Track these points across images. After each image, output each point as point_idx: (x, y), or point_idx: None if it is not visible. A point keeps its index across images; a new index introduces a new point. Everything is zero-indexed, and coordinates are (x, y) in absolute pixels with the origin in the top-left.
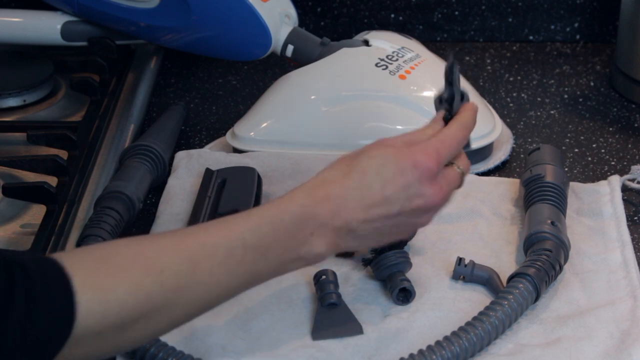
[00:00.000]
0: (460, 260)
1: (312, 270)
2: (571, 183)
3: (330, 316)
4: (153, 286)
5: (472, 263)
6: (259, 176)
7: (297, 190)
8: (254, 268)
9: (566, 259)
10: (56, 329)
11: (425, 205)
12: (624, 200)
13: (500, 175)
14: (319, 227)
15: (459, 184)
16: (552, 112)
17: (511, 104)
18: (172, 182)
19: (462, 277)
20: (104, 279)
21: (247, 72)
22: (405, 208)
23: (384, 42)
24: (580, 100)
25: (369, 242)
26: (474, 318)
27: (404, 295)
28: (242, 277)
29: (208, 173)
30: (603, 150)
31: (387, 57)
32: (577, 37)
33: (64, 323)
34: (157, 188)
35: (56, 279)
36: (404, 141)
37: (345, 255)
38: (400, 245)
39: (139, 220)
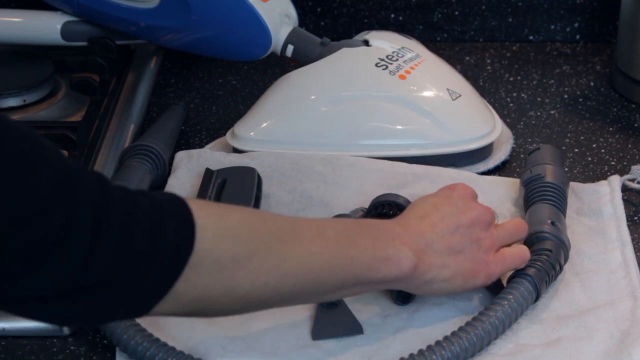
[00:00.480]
0: None
1: None
2: (571, 183)
3: (330, 316)
4: (261, 227)
5: None
6: (259, 176)
7: None
8: (348, 252)
9: (566, 259)
10: (180, 243)
11: (478, 218)
12: (624, 200)
13: (500, 175)
14: (397, 235)
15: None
16: (552, 112)
17: (511, 104)
18: (172, 182)
19: None
20: (217, 209)
21: (247, 72)
22: (461, 221)
23: (384, 42)
24: (580, 100)
25: (449, 261)
26: (474, 318)
27: (404, 295)
28: (340, 257)
29: (208, 173)
30: (603, 150)
31: (387, 57)
32: (577, 37)
33: (186, 238)
34: (157, 188)
35: (174, 201)
36: None
37: None
38: None
39: None
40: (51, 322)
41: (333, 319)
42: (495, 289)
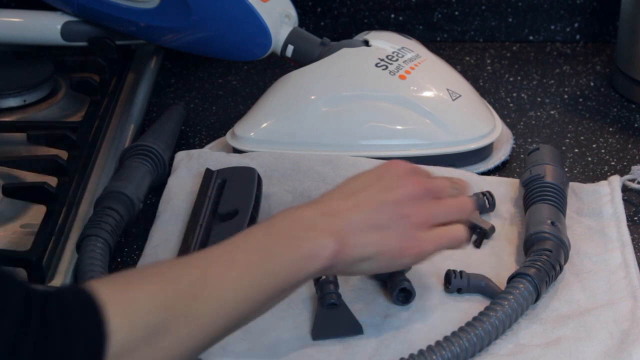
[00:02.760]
0: (454, 272)
1: None
2: (571, 183)
3: (331, 316)
4: (171, 294)
5: (466, 274)
6: (259, 176)
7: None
8: (263, 270)
9: (566, 259)
10: (93, 352)
11: (407, 194)
12: (624, 200)
13: (500, 175)
14: (311, 223)
15: (446, 190)
16: (552, 112)
17: (511, 104)
18: (172, 182)
19: (458, 289)
20: (125, 292)
21: (247, 72)
22: (388, 198)
23: (384, 42)
24: (580, 100)
25: (373, 237)
26: (474, 318)
27: (404, 295)
28: (256, 280)
29: (208, 173)
30: (603, 150)
31: (387, 57)
32: (577, 37)
33: (98, 354)
34: (157, 188)
35: (84, 306)
36: None
37: None
38: None
39: (139, 220)
40: None
41: (333, 319)
42: (492, 293)
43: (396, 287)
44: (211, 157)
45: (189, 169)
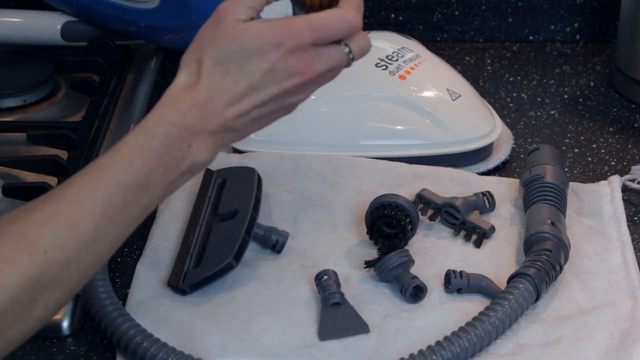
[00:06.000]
0: (454, 272)
1: (313, 270)
2: (571, 183)
3: (336, 316)
4: (40, 268)
5: (466, 274)
6: (259, 176)
7: (160, 105)
8: (139, 204)
9: (566, 259)
10: None
11: (298, 84)
12: (624, 200)
13: (500, 175)
14: (194, 137)
15: (345, 64)
16: (552, 112)
17: (511, 104)
18: None
19: (458, 289)
20: None
21: None
22: (277, 92)
23: (384, 42)
24: (580, 100)
25: (249, 131)
26: (474, 318)
27: (417, 292)
28: (130, 218)
29: (208, 173)
30: (603, 150)
31: (387, 57)
32: (577, 37)
33: None
34: None
35: None
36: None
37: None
38: (400, 244)
39: None
40: None
41: (338, 319)
42: (491, 293)
43: (409, 285)
44: None
45: None
